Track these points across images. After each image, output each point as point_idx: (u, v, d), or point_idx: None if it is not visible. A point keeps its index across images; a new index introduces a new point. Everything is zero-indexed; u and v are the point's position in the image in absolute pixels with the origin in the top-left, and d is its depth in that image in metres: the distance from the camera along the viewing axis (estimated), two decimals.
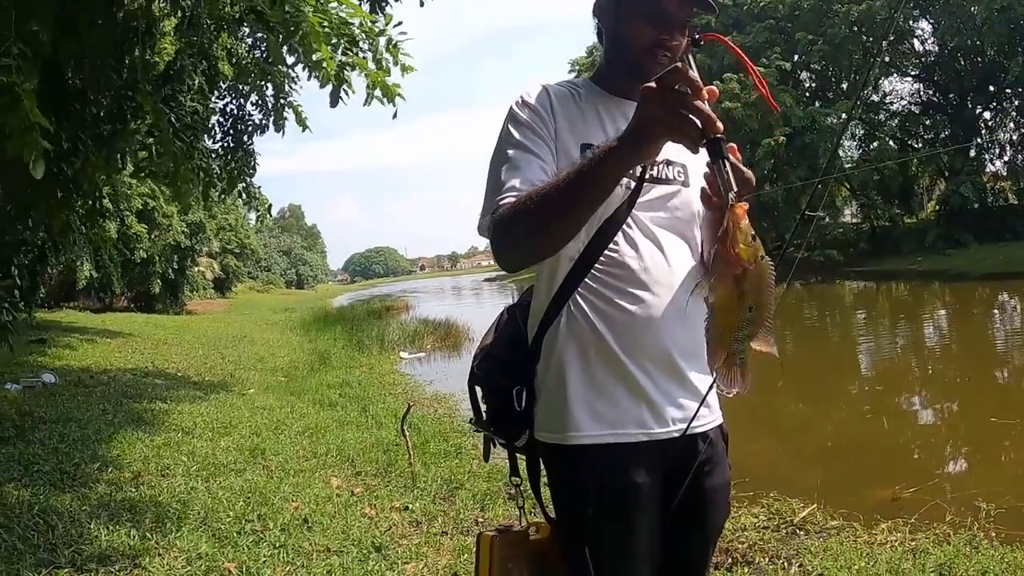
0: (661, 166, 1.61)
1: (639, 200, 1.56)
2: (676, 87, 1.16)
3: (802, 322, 17.43)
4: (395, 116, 5.43)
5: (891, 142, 34.66)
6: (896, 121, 36.61)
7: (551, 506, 1.63)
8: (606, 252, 1.54)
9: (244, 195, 7.81)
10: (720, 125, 1.14)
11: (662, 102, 1.17)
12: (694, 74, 1.16)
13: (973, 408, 7.89)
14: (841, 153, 34.07)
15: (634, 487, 1.53)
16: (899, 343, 13.81)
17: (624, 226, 1.55)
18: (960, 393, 8.84)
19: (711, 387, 1.55)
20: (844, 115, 29.80)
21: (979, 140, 33.01)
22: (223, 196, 8.13)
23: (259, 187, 8.65)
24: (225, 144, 7.36)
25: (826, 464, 6.22)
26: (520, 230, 1.45)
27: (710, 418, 1.64)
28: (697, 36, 1.26)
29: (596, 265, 1.55)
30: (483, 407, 1.78)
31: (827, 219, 35.05)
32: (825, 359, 12.47)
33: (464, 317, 19.27)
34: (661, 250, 1.57)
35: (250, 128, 7.28)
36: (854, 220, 38.02)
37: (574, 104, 1.63)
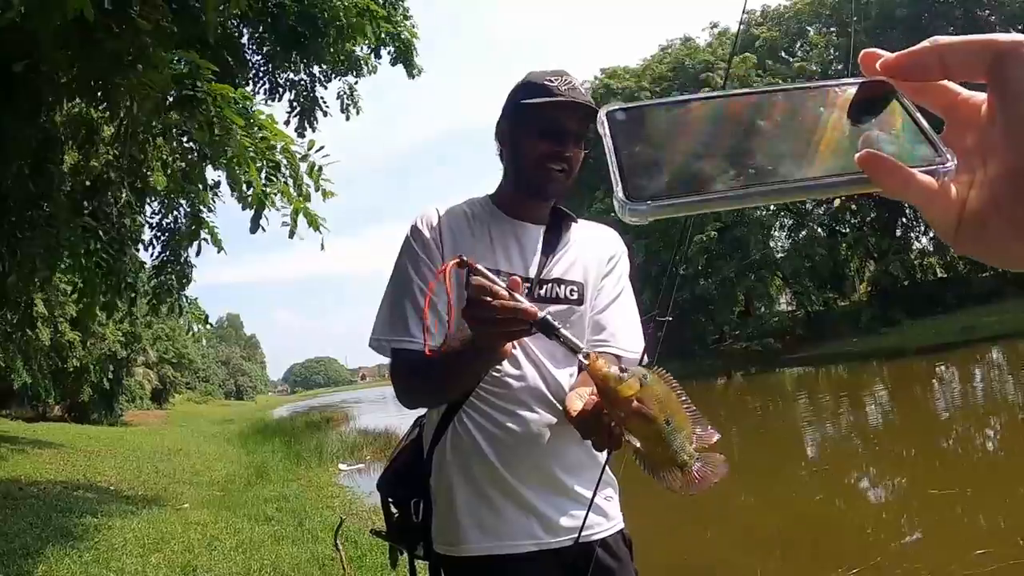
0: (552, 285, 1.66)
1: None
2: (481, 299, 1.19)
3: (746, 412, 17.64)
4: (323, 247, 5.51)
5: (819, 229, 35.96)
6: (823, 209, 38.10)
7: None
8: (490, 372, 1.58)
9: (176, 308, 7.63)
10: (533, 309, 1.17)
11: (477, 319, 1.22)
12: (488, 280, 1.20)
13: (916, 482, 8.11)
14: (771, 243, 35.26)
15: None
16: (842, 423, 13.99)
17: None
18: (903, 468, 9.05)
19: (594, 496, 1.57)
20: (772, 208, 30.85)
21: (904, 219, 34.38)
22: (152, 311, 7.91)
23: (195, 298, 8.49)
24: (161, 258, 7.23)
25: (771, 550, 6.26)
26: (416, 390, 1.61)
27: (607, 525, 1.66)
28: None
29: (481, 384, 1.58)
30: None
31: (763, 309, 35.87)
32: (770, 445, 12.54)
33: (404, 427, 18.85)
34: (543, 370, 1.62)
35: (185, 240, 7.18)
36: (789, 307, 38.83)
37: (466, 224, 1.69)
